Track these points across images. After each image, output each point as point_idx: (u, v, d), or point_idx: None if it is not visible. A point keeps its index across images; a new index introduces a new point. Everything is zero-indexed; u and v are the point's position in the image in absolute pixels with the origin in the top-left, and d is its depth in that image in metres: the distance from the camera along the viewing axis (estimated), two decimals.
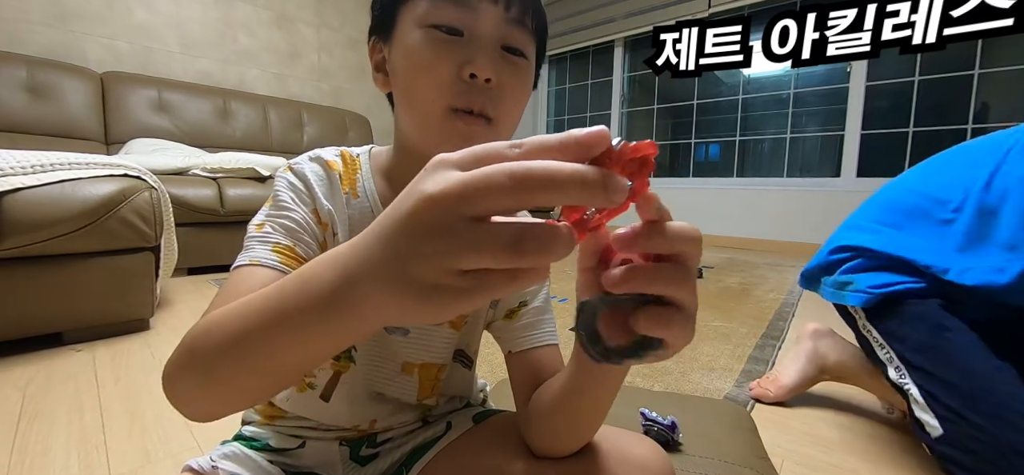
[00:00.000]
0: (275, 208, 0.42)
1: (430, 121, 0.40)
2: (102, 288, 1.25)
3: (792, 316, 1.66)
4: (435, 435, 0.49)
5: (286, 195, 0.43)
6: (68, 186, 1.14)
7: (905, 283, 0.81)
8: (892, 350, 0.80)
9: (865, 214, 0.98)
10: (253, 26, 3.14)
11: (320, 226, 0.43)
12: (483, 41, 0.39)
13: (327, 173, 0.45)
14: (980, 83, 2.79)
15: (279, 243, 0.40)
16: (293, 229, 0.41)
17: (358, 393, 0.47)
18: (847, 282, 0.88)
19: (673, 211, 0.25)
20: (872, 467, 0.78)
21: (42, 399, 0.94)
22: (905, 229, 0.85)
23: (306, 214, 0.42)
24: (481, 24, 0.38)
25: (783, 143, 3.58)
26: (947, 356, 0.73)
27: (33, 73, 2.22)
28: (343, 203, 0.45)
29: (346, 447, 0.49)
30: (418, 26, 0.39)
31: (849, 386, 1.09)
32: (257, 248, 0.39)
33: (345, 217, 0.44)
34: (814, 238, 3.32)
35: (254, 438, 0.49)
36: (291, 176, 0.44)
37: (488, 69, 0.38)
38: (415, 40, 0.39)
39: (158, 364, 1.12)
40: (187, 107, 2.71)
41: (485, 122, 0.40)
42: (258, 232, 0.40)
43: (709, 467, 0.67)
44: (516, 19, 0.39)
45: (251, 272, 0.38)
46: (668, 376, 1.10)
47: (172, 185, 1.94)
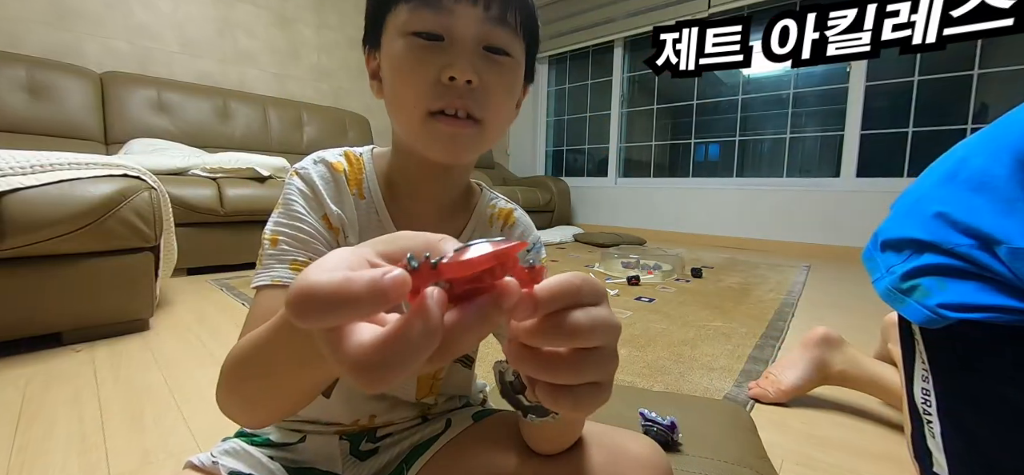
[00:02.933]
0: (287, 217, 0.42)
1: (413, 126, 0.40)
2: (102, 288, 1.25)
3: (792, 316, 1.66)
4: (434, 433, 0.49)
5: (298, 204, 0.42)
6: (67, 186, 1.14)
7: (1003, 314, 0.51)
8: (936, 392, 0.58)
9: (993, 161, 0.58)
10: (253, 26, 3.14)
11: (331, 231, 0.43)
12: (463, 43, 0.39)
13: (333, 175, 0.45)
14: (979, 83, 2.79)
15: (297, 260, 0.40)
16: (307, 241, 0.41)
17: (357, 390, 0.47)
18: (913, 287, 0.59)
19: (673, 211, 0.24)
20: (872, 467, 0.78)
21: (42, 399, 0.94)
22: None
23: (317, 222, 0.42)
24: (460, 26, 0.38)
25: (783, 143, 3.59)
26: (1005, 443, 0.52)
27: (33, 73, 2.22)
28: (352, 204, 0.45)
29: (346, 442, 0.49)
30: (400, 34, 0.39)
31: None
32: (276, 268, 0.40)
33: (354, 218, 0.45)
34: (814, 238, 3.32)
35: (255, 434, 0.49)
36: (299, 182, 0.44)
37: (468, 71, 0.38)
38: (398, 48, 0.39)
39: (158, 364, 1.12)
40: (187, 107, 2.71)
41: (472, 123, 0.40)
42: (273, 248, 0.41)
43: (709, 467, 0.67)
44: (497, 17, 0.39)
45: (273, 295, 0.39)
46: (667, 376, 1.10)
47: (172, 185, 1.94)
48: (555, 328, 0.21)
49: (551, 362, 0.22)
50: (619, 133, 4.42)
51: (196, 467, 0.44)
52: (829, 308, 1.81)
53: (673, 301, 1.83)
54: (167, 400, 0.95)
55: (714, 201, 3.80)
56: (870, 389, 0.95)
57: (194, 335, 1.34)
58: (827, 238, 3.28)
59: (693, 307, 1.74)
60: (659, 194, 4.09)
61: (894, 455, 0.82)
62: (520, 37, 0.42)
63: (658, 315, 1.62)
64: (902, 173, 3.08)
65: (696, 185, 3.97)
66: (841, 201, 3.23)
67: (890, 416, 0.95)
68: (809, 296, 2.00)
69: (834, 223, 3.25)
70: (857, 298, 1.98)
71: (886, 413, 0.96)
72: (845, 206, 3.21)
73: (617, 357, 0.23)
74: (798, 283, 2.24)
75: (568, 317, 0.21)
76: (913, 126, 3.01)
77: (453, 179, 0.48)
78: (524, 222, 0.53)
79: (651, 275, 2.26)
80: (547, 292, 0.20)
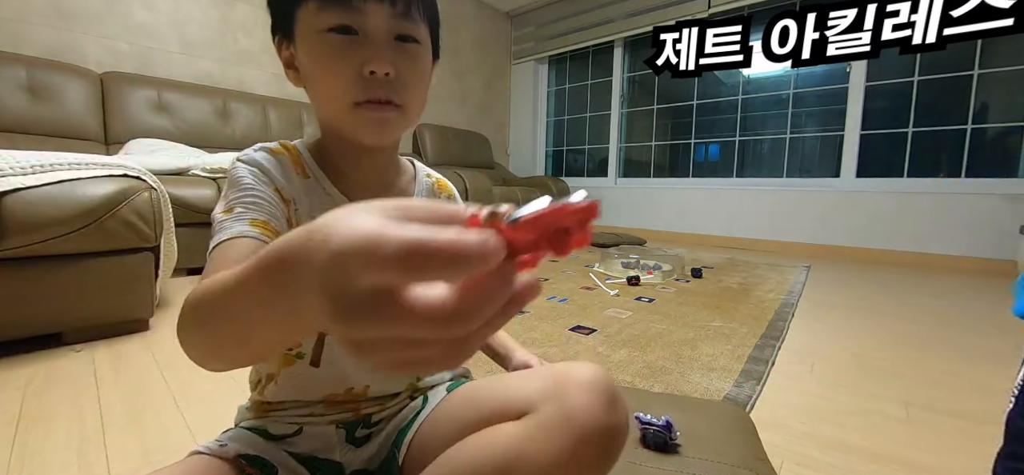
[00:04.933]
0: (239, 191, 0.43)
1: (340, 115, 0.44)
2: (102, 288, 1.25)
3: (792, 316, 1.66)
4: (415, 411, 0.52)
5: (248, 178, 0.44)
6: (68, 186, 1.14)
7: None
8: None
9: None
10: (253, 26, 3.14)
11: (284, 203, 0.46)
12: (376, 38, 0.42)
13: (276, 158, 0.47)
14: (979, 83, 2.79)
15: (256, 218, 0.42)
16: (262, 205, 0.43)
17: (350, 358, 0.49)
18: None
19: (673, 211, 0.25)
20: (872, 467, 0.78)
21: (42, 399, 0.94)
22: None
23: (270, 192, 0.44)
24: (371, 22, 0.41)
25: (782, 143, 3.59)
26: None
27: (33, 73, 2.22)
28: (298, 183, 0.48)
29: (342, 429, 0.50)
30: (315, 30, 0.42)
31: (849, 387, 1.09)
32: (235, 225, 0.41)
33: (301, 195, 0.48)
34: (813, 238, 3.32)
35: (252, 429, 0.50)
36: (244, 166, 0.46)
37: (385, 64, 0.41)
38: (315, 43, 0.42)
39: (158, 364, 1.12)
40: (187, 107, 2.71)
41: (394, 108, 0.44)
42: (229, 216, 0.42)
43: (708, 469, 0.67)
44: (403, 12, 0.43)
45: (234, 244, 0.39)
46: (668, 376, 1.10)
47: (172, 185, 1.94)
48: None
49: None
50: (619, 133, 4.42)
51: (202, 453, 0.44)
52: (829, 308, 1.81)
53: (673, 301, 1.83)
54: (167, 400, 0.95)
55: (714, 201, 3.80)
56: None
57: None
58: (827, 238, 3.28)
59: (693, 307, 1.75)
60: (659, 194, 4.09)
61: (894, 455, 0.82)
62: (425, 22, 0.45)
63: (658, 315, 1.62)
64: (902, 173, 3.08)
65: (696, 185, 3.98)
66: (841, 201, 3.23)
67: (890, 416, 0.95)
68: (809, 296, 2.00)
69: (834, 223, 3.25)
70: (857, 298, 1.98)
71: (886, 413, 0.97)
72: (845, 206, 3.21)
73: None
74: (798, 283, 2.24)
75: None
76: (913, 126, 3.01)
77: (387, 152, 0.52)
78: (455, 192, 0.61)
79: (651, 275, 2.26)
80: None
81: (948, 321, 1.66)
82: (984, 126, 2.83)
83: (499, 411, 0.43)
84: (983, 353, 1.33)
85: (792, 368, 1.19)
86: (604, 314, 1.62)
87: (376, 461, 0.51)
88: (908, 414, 0.96)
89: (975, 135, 2.84)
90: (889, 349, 1.35)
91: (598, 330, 1.44)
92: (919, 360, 1.27)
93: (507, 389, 0.45)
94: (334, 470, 0.49)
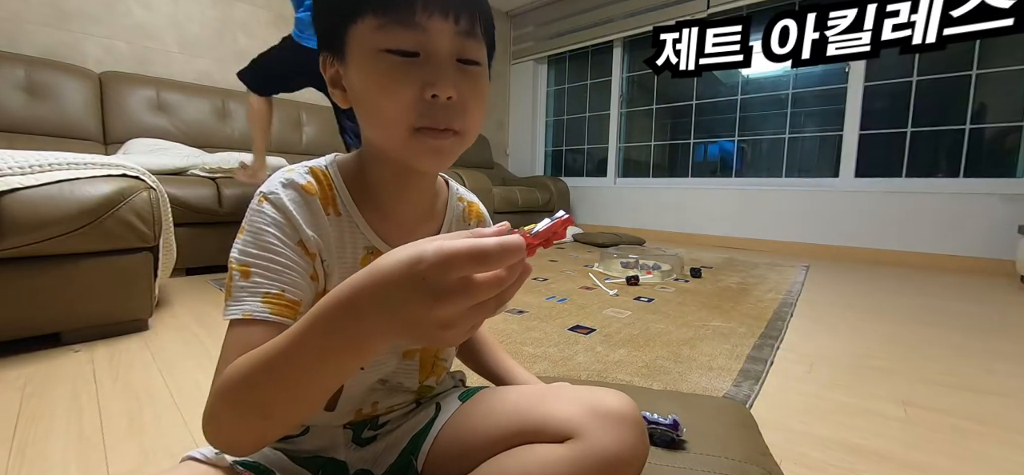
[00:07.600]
0: (258, 247, 0.41)
1: (397, 140, 0.41)
2: (101, 288, 1.25)
3: (790, 316, 1.66)
4: (429, 417, 0.52)
5: (270, 234, 0.41)
6: (66, 186, 1.14)
7: None
8: None
9: None
10: (252, 26, 3.14)
11: (308, 257, 0.43)
12: (440, 59, 0.39)
13: (304, 199, 0.44)
14: (978, 83, 2.79)
15: (269, 293, 0.40)
16: (281, 272, 0.41)
17: (359, 388, 0.50)
18: None
19: (671, 211, 0.27)
20: (872, 467, 0.79)
21: (40, 399, 0.94)
22: None
23: (292, 251, 0.42)
24: (435, 42, 0.39)
25: (782, 143, 3.59)
26: None
27: (31, 73, 2.22)
28: (327, 225, 0.45)
29: (349, 430, 0.51)
30: (373, 50, 0.39)
31: (847, 386, 1.09)
32: (248, 301, 0.39)
33: (330, 239, 0.45)
34: (812, 238, 3.33)
35: None
36: (271, 209, 0.42)
37: (450, 88, 0.39)
38: (371, 63, 0.39)
39: (157, 364, 1.12)
40: (186, 107, 2.71)
41: (453, 135, 0.42)
42: (245, 280, 0.40)
43: (717, 465, 0.67)
44: (467, 31, 0.40)
45: (248, 330, 0.38)
46: (667, 376, 1.10)
47: (171, 185, 1.94)
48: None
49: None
50: (618, 133, 4.42)
51: (196, 460, 0.44)
52: (828, 308, 1.81)
53: (672, 301, 1.83)
54: (166, 400, 0.95)
55: (713, 201, 3.80)
56: None
57: (193, 335, 1.34)
58: (826, 238, 3.28)
59: (692, 307, 1.75)
60: (658, 194, 4.09)
61: (894, 455, 0.82)
62: (485, 43, 0.43)
63: (657, 315, 1.62)
64: (901, 173, 3.08)
65: (695, 185, 3.98)
66: (840, 201, 3.24)
67: (888, 415, 0.95)
68: (808, 296, 2.00)
69: (833, 223, 3.26)
70: (855, 298, 1.99)
71: (884, 412, 0.97)
72: (844, 206, 3.22)
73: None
74: (797, 283, 2.24)
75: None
76: (912, 126, 3.02)
77: (429, 180, 0.51)
78: (484, 212, 0.61)
79: (650, 275, 2.26)
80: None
81: (947, 321, 1.66)
82: (982, 126, 2.84)
83: (534, 429, 0.44)
84: (982, 353, 1.34)
85: (790, 368, 1.19)
86: (603, 314, 1.62)
87: (382, 463, 0.51)
88: (906, 414, 0.96)
89: (974, 135, 2.85)
90: (887, 349, 1.35)
91: (597, 330, 1.44)
92: (917, 360, 1.27)
93: (541, 407, 0.45)
94: (337, 468, 0.50)
